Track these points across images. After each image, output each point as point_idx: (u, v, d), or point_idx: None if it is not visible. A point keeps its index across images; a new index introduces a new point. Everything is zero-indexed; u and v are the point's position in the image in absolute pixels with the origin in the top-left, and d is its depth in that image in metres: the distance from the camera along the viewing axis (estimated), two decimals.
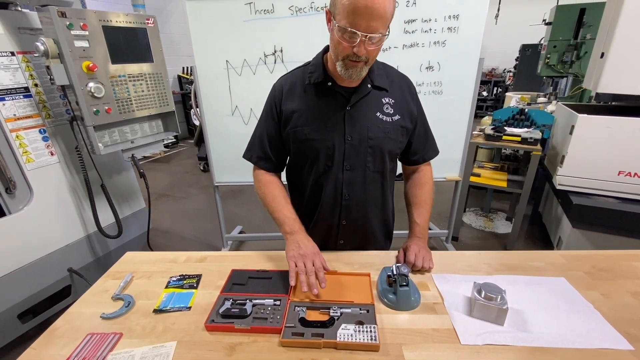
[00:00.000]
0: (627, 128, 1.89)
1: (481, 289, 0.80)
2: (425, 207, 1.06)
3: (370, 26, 0.76)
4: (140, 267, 1.03)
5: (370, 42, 0.79)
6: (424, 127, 1.06)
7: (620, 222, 1.95)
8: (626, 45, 1.85)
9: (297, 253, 0.89)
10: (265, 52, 1.98)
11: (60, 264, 1.77)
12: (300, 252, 0.89)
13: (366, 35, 0.77)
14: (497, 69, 7.73)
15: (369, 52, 0.81)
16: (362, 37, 0.77)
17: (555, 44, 3.33)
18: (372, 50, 0.81)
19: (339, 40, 0.80)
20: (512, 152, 3.05)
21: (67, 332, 0.78)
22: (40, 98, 1.63)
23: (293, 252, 0.90)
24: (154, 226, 2.98)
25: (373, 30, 0.76)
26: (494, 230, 2.88)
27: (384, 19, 0.76)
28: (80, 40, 1.47)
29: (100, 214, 1.85)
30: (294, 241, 0.93)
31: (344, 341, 0.72)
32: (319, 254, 0.91)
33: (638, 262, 0.99)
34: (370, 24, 0.75)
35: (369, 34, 0.76)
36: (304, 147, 0.97)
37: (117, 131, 1.75)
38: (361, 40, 0.77)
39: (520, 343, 0.72)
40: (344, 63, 0.84)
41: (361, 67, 0.84)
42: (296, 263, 0.88)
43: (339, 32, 0.79)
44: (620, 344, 0.71)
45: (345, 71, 0.85)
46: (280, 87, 1.00)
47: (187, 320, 0.81)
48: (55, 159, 1.70)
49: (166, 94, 1.88)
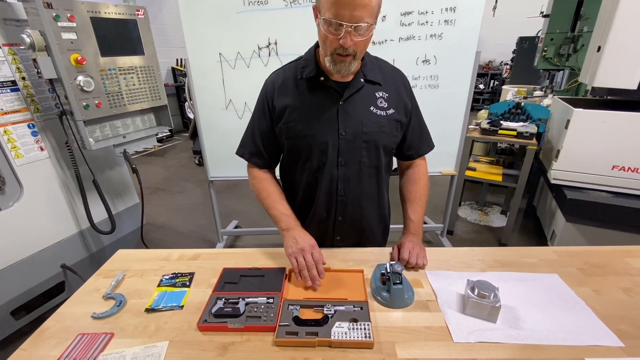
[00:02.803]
0: (623, 122, 1.89)
1: (474, 286, 0.80)
2: (419, 204, 1.05)
3: (354, 16, 0.75)
4: (132, 265, 1.02)
5: (357, 32, 0.78)
6: (418, 122, 1.05)
7: (613, 216, 1.96)
8: (623, 39, 1.84)
9: (296, 248, 0.90)
10: (260, 45, 1.95)
11: (53, 261, 1.75)
12: (299, 246, 0.90)
13: (351, 26, 0.76)
14: (494, 62, 7.70)
15: (355, 43, 0.80)
16: (347, 28, 0.76)
17: (552, 37, 3.30)
18: (359, 42, 0.80)
19: (326, 34, 0.79)
20: (507, 145, 3.06)
21: (57, 333, 0.77)
22: (28, 92, 1.59)
23: (291, 248, 0.90)
24: (149, 221, 2.97)
25: (358, 20, 0.75)
26: (489, 224, 2.90)
27: (368, 7, 0.75)
28: (68, 32, 1.43)
29: (93, 210, 1.83)
30: (291, 237, 0.93)
31: (338, 339, 0.72)
32: (315, 245, 0.92)
33: (630, 257, 1.00)
34: (354, 14, 0.74)
35: (353, 24, 0.75)
36: (298, 143, 0.96)
37: (109, 126, 1.72)
38: (347, 31, 0.76)
39: (512, 340, 0.72)
40: (332, 58, 0.83)
41: (350, 61, 0.83)
42: (297, 259, 0.88)
43: (324, 25, 0.78)
44: (611, 341, 0.71)
45: (334, 66, 0.84)
46: (272, 82, 0.98)
47: (179, 319, 0.80)
48: (45, 154, 1.67)
49: (158, 88, 1.85)
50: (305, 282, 0.86)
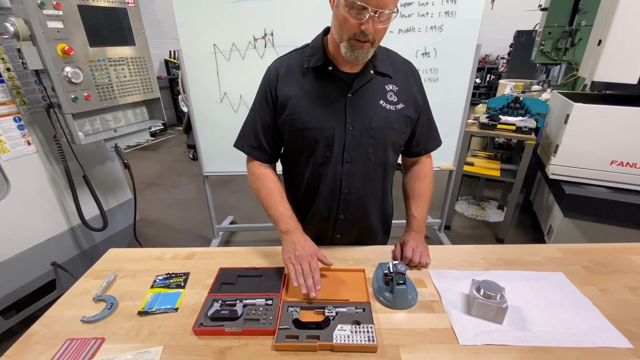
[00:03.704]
0: (622, 117, 1.87)
1: (480, 286, 0.77)
2: (424, 201, 1.02)
3: (381, 1, 0.71)
4: (124, 265, 0.98)
5: (379, 19, 0.74)
6: (427, 117, 1.01)
7: (611, 211, 1.96)
8: (624, 33, 1.81)
9: (294, 255, 0.85)
10: (255, 36, 1.89)
11: (43, 258, 1.70)
12: (297, 253, 0.85)
13: (376, 11, 0.72)
14: (491, 56, 7.67)
15: (376, 30, 0.76)
16: (372, 13, 0.72)
17: (550, 31, 3.28)
18: (380, 30, 0.76)
19: (345, 17, 0.75)
20: (505, 140, 3.04)
21: (44, 338, 0.73)
22: (14, 84, 1.52)
23: (289, 253, 0.86)
24: (143, 216, 2.91)
25: (384, 6, 0.72)
26: (486, 219, 2.89)
27: None
28: (54, 21, 1.36)
29: (84, 206, 1.77)
30: (290, 242, 0.88)
31: (341, 343, 0.69)
32: (315, 254, 0.87)
33: (635, 255, 0.98)
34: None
35: (379, 9, 0.72)
36: (301, 137, 0.91)
37: (99, 119, 1.66)
38: (370, 16, 0.73)
39: (520, 343, 0.70)
40: (349, 43, 0.78)
41: (368, 48, 0.79)
42: (293, 265, 0.84)
43: (345, 7, 0.74)
44: (620, 342, 0.70)
45: (351, 52, 0.79)
46: (276, 70, 0.93)
47: (174, 322, 0.77)
48: (32, 149, 1.60)
49: (150, 80, 1.79)
50: (300, 289, 0.81)
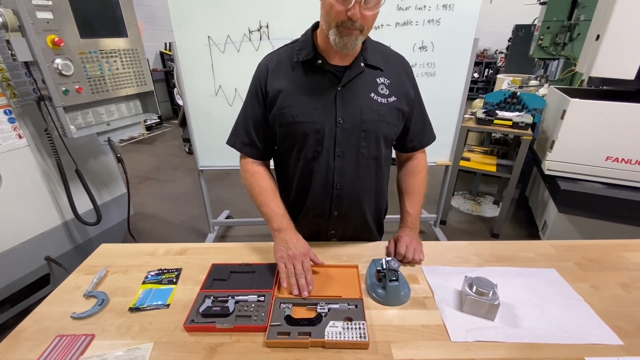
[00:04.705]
0: (619, 113, 1.87)
1: (472, 283, 0.77)
2: (418, 197, 1.02)
3: None
4: (116, 260, 0.97)
5: (366, 5, 0.72)
6: (421, 112, 1.00)
7: (605, 207, 1.97)
8: (623, 28, 1.80)
9: (286, 254, 0.85)
10: (250, 28, 1.86)
11: (36, 253, 1.69)
12: (289, 252, 0.85)
13: None
14: (489, 50, 7.63)
15: (364, 17, 0.74)
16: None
17: (548, 25, 3.26)
18: (367, 16, 0.75)
19: (332, 3, 0.73)
20: (501, 135, 3.04)
21: (34, 334, 0.73)
22: (4, 76, 1.49)
23: (281, 252, 0.86)
24: (138, 211, 2.89)
25: None
26: (482, 214, 2.90)
27: None
28: (43, 11, 1.33)
29: (78, 200, 1.76)
30: (282, 240, 0.88)
31: (332, 340, 0.69)
32: (307, 253, 0.86)
33: (628, 252, 0.99)
34: None
35: None
36: (291, 131, 0.90)
37: (91, 112, 1.64)
38: (357, 1, 0.71)
39: (511, 339, 0.70)
40: (337, 30, 0.76)
41: (356, 35, 0.77)
42: (286, 265, 0.83)
43: None
44: (611, 339, 0.70)
45: (340, 39, 0.77)
46: (266, 65, 0.92)
47: (165, 319, 0.76)
48: (24, 142, 1.58)
49: (144, 72, 1.76)
50: (291, 289, 0.81)
